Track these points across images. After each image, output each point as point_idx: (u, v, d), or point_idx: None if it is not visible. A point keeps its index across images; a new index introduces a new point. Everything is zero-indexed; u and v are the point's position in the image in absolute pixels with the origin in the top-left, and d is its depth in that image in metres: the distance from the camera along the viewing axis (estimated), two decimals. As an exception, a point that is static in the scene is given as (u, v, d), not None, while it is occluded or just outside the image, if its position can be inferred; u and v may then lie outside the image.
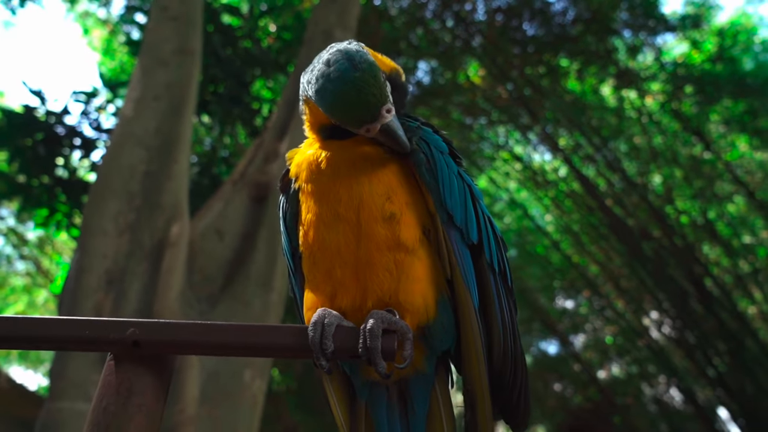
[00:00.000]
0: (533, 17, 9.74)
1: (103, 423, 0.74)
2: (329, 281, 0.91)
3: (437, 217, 0.92)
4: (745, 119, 9.15)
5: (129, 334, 0.78)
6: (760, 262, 9.97)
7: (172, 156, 3.91)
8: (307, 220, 0.94)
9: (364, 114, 0.88)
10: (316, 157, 0.97)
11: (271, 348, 0.80)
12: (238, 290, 3.71)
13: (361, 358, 0.80)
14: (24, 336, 0.79)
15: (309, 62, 4.10)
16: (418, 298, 0.88)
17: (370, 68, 0.88)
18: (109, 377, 0.78)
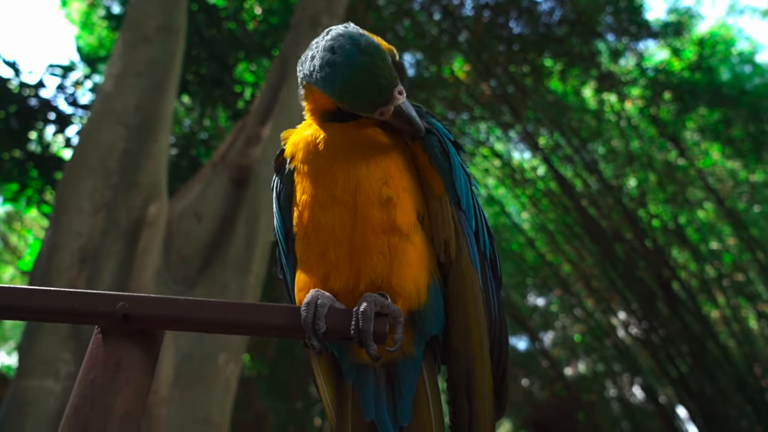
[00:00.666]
0: (520, 15, 9.79)
1: (90, 395, 0.73)
2: (322, 263, 0.91)
3: (445, 199, 0.93)
4: (719, 128, 9.38)
5: (119, 307, 0.77)
6: (725, 268, 10.26)
7: (152, 135, 3.84)
8: (302, 201, 0.94)
9: (377, 97, 0.88)
10: (314, 137, 0.97)
11: (263, 327, 0.80)
12: (215, 273, 3.67)
13: (352, 340, 0.80)
14: (9, 305, 0.77)
15: (295, 47, 4.11)
16: (411, 283, 0.89)
17: (378, 51, 0.88)
18: (97, 350, 0.77)
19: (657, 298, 9.53)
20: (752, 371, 9.65)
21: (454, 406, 0.91)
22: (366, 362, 0.94)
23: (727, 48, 10.02)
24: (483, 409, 0.89)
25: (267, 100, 4.94)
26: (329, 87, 0.90)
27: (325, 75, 0.89)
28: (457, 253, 0.92)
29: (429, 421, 0.91)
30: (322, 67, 0.89)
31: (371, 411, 0.93)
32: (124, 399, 0.74)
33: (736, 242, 10.08)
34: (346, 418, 0.93)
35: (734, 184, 9.77)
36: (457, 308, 0.92)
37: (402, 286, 0.88)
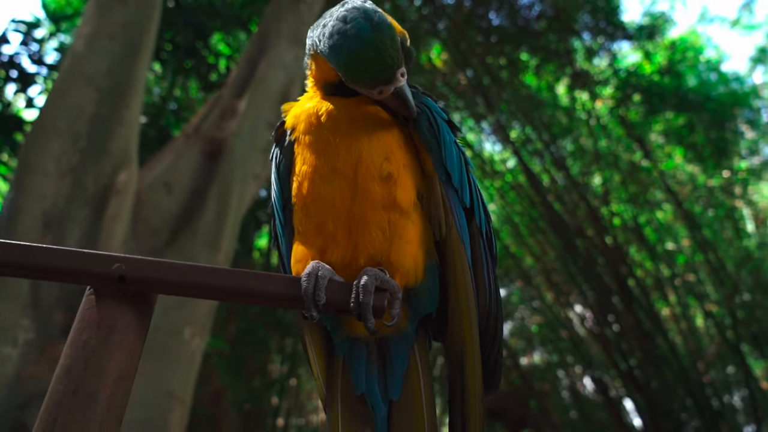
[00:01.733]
0: (500, 7, 9.83)
1: (83, 356, 0.71)
2: (320, 235, 0.91)
3: (435, 177, 0.94)
4: (683, 133, 9.68)
5: (115, 269, 0.75)
6: (678, 268, 10.65)
7: (124, 100, 3.72)
8: (302, 172, 0.94)
9: (380, 75, 0.88)
10: (316, 110, 0.96)
11: (262, 295, 0.80)
12: (183, 246, 3.61)
13: (351, 313, 0.81)
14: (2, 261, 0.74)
15: (275, 21, 4.03)
16: (409, 260, 0.90)
17: (389, 30, 0.88)
18: (89, 311, 0.75)
19: (613, 294, 9.84)
20: (696, 367, 10.09)
21: (450, 381, 0.93)
22: (359, 336, 0.95)
23: (695, 55, 10.30)
24: (473, 386, 0.91)
25: (244, 74, 4.85)
26: (334, 56, 0.89)
27: (333, 44, 0.88)
28: (447, 230, 0.93)
29: (419, 395, 0.93)
30: (332, 35, 0.88)
31: (362, 384, 0.94)
32: (118, 361, 0.72)
33: (690, 244, 10.47)
34: (335, 391, 0.94)
35: (693, 188, 10.12)
36: (449, 285, 0.93)
37: (401, 262, 0.89)
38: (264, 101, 4.64)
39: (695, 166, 9.98)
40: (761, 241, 10.22)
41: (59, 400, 0.68)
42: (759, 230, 10.32)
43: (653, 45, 9.63)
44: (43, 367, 2.79)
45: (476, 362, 0.91)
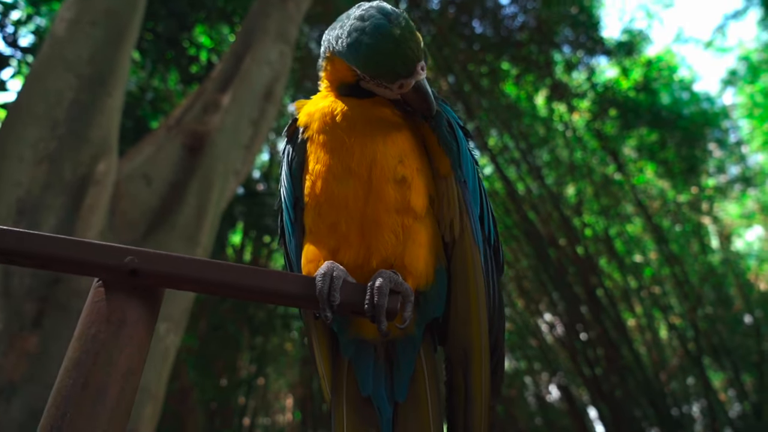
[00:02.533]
0: (484, 16, 9.94)
1: (92, 350, 0.70)
2: (333, 235, 0.91)
3: (451, 178, 0.94)
4: (655, 149, 9.93)
5: (127, 261, 0.73)
6: (644, 280, 10.91)
7: (106, 89, 3.64)
8: (316, 171, 0.93)
9: (401, 68, 0.87)
10: (331, 109, 0.95)
11: (276, 294, 0.79)
12: (161, 240, 3.54)
13: (365, 315, 0.81)
14: (10, 249, 0.72)
15: (262, 17, 3.99)
16: (421, 264, 0.90)
17: (408, 24, 0.88)
18: (99, 304, 0.73)
19: (582, 303, 10.02)
20: (658, 378, 10.34)
21: (451, 387, 0.93)
22: (366, 338, 0.94)
23: (669, 73, 10.59)
24: (479, 390, 0.91)
25: (228, 69, 4.79)
26: (354, 54, 0.89)
27: (351, 41, 0.88)
28: (460, 232, 0.94)
29: (425, 399, 0.93)
30: (350, 34, 0.88)
31: (369, 386, 0.93)
32: (128, 356, 0.71)
33: (658, 257, 10.73)
34: (341, 393, 0.94)
35: (662, 203, 10.37)
36: (458, 289, 0.94)
37: (414, 265, 0.90)
38: (248, 97, 4.60)
39: (665, 181, 10.24)
40: (724, 257, 10.53)
41: (68, 394, 0.66)
42: (723, 246, 10.64)
43: (630, 62, 9.86)
44: (11, 359, 2.70)
45: (484, 367, 0.92)
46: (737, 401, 10.44)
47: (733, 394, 10.86)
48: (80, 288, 3.04)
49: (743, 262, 10.80)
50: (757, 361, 9.59)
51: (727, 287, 10.20)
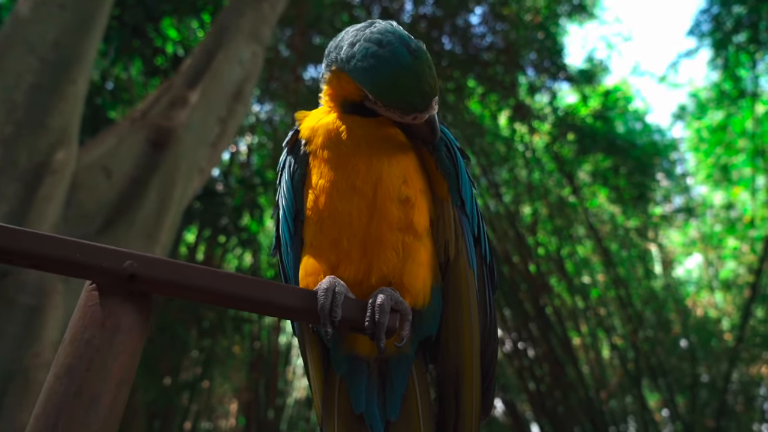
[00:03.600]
0: (454, 33, 10.12)
1: (86, 356, 0.67)
2: (334, 250, 0.91)
3: (448, 202, 0.96)
4: (608, 175, 10.31)
5: (126, 266, 0.71)
6: (591, 301, 11.27)
7: (70, 75, 3.50)
8: (319, 186, 0.93)
9: (418, 102, 0.88)
10: (336, 126, 0.95)
11: (276, 306, 0.78)
12: (118, 236, 3.42)
13: (365, 332, 0.81)
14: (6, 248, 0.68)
15: (237, 16, 3.96)
16: (420, 282, 0.91)
17: (426, 57, 0.89)
18: (93, 308, 0.70)
19: (531, 320, 10.26)
20: (599, 396, 10.67)
21: (441, 405, 0.94)
22: (360, 355, 0.94)
23: (625, 104, 11.04)
24: (470, 409, 0.92)
25: (198, 64, 4.69)
26: (368, 79, 0.88)
27: (367, 66, 0.87)
28: (456, 254, 0.95)
29: (417, 417, 0.93)
30: (365, 58, 0.87)
31: (361, 404, 0.93)
32: (121, 364, 0.68)
33: (605, 279, 11.11)
34: (332, 410, 0.93)
35: (612, 227, 10.76)
36: (451, 309, 0.95)
37: (412, 284, 0.91)
38: (217, 95, 4.52)
39: (616, 207, 10.63)
40: (666, 282, 11.00)
41: (60, 403, 0.63)
42: (665, 272, 11.11)
43: (590, 89, 10.22)
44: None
45: (475, 386, 0.93)
46: (670, 421, 10.87)
47: (667, 415, 11.31)
48: (27, 281, 2.91)
49: (683, 288, 11.30)
50: (691, 384, 10.03)
51: (667, 312, 10.65)
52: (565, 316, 10.87)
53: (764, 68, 9.79)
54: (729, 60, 9.73)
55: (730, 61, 9.74)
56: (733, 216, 10.31)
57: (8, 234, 0.69)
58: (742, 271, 10.05)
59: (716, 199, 10.73)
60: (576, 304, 10.90)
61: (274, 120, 11.68)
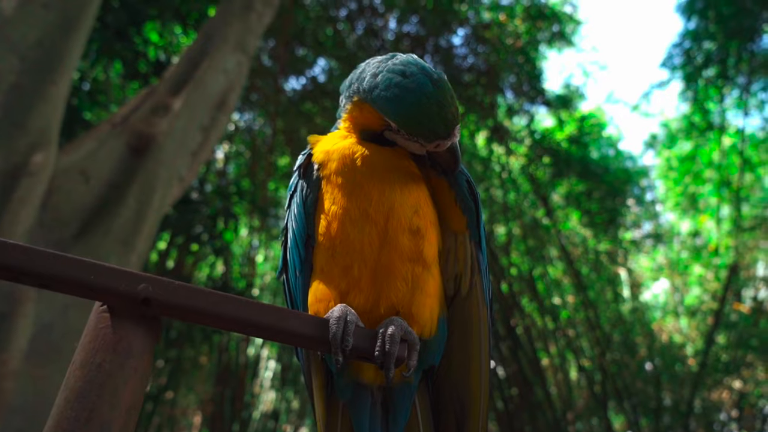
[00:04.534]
0: (436, 52, 10.26)
1: (97, 381, 0.66)
2: (344, 277, 0.91)
3: (465, 236, 0.97)
4: (581, 198, 10.52)
5: (141, 289, 0.70)
6: (560, 322, 11.42)
7: (52, 76, 3.43)
8: (332, 212, 0.93)
9: (441, 130, 0.90)
10: (352, 152, 0.96)
11: (288, 334, 0.78)
12: (93, 243, 3.34)
13: (374, 361, 0.81)
14: (10, 265, 0.66)
15: (224, 26, 3.97)
16: (427, 313, 0.92)
17: (448, 87, 0.91)
18: (104, 330, 0.69)
19: (502, 340, 10.34)
20: (565, 417, 10.77)
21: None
22: (365, 382, 0.94)
23: (599, 130, 11.32)
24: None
25: (182, 72, 4.65)
26: (392, 108, 0.90)
27: (391, 96, 0.89)
28: (469, 289, 0.96)
29: None
30: (389, 88, 0.89)
31: (365, 431, 0.93)
32: (132, 389, 0.67)
33: (575, 301, 11.28)
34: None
35: (584, 250, 10.95)
36: (459, 342, 0.96)
37: (420, 314, 0.91)
38: (200, 103, 4.49)
39: (588, 230, 10.84)
40: (634, 306, 11.23)
41: (70, 429, 0.62)
42: (633, 296, 11.34)
43: (566, 114, 10.45)
44: None
45: (482, 420, 0.94)
46: (634, 444, 11.03)
47: (630, 437, 11.47)
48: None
49: (649, 312, 11.55)
50: (655, 407, 10.21)
51: (634, 335, 10.85)
52: (535, 336, 10.98)
53: (731, 103, 10.18)
54: (698, 93, 10.10)
55: (700, 95, 10.11)
56: (698, 244, 10.61)
57: (20, 252, 0.68)
58: (707, 298, 10.33)
59: (683, 226, 11.04)
60: (546, 325, 11.03)
61: (253, 129, 11.63)
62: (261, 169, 11.15)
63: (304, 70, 10.78)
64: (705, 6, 9.53)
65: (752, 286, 10.10)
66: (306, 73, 10.79)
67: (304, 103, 10.93)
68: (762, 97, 9.80)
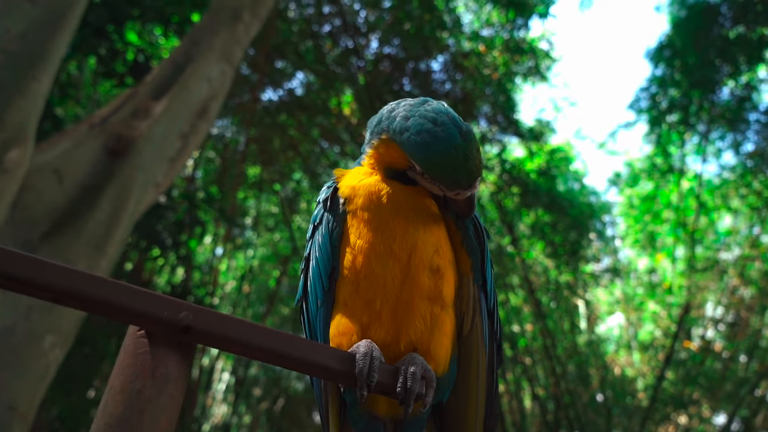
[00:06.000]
0: (414, 76, 10.43)
1: (138, 407, 0.66)
2: (367, 312, 0.93)
3: (470, 278, 1.01)
4: (546, 230, 10.78)
5: (182, 317, 0.71)
6: (518, 349, 11.60)
7: (33, 71, 3.36)
8: (358, 246, 0.95)
9: (464, 181, 0.94)
10: (378, 189, 0.99)
11: (317, 367, 0.79)
12: (63, 244, 3.25)
13: (396, 397, 0.83)
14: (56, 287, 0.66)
15: (211, 34, 3.98)
16: (443, 352, 0.95)
17: (475, 140, 0.96)
18: (143, 356, 0.70)
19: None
20: (518, 444, 10.88)
21: None
22: (378, 415, 0.97)
23: (567, 164, 11.67)
24: None
25: (165, 76, 4.61)
26: (420, 152, 0.94)
27: (420, 141, 0.93)
28: (470, 329, 1.00)
29: None
30: (420, 133, 0.93)
31: None
32: (169, 416, 0.68)
33: (533, 329, 11.48)
34: None
35: (545, 280, 11.19)
36: (460, 379, 0.99)
37: (437, 352, 0.94)
38: (182, 109, 4.44)
39: (551, 260, 11.09)
40: (589, 338, 11.50)
41: (112, 455, 0.62)
42: (589, 328, 11.62)
43: (537, 146, 10.74)
44: None
45: None
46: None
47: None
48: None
49: (604, 345, 11.84)
50: (604, 438, 10.43)
51: (588, 367, 11.09)
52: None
53: (691, 148, 10.67)
54: (662, 136, 10.55)
55: (663, 138, 10.56)
56: (654, 281, 10.99)
57: (64, 274, 0.68)
58: (659, 334, 10.67)
59: (641, 263, 11.42)
60: (504, 353, 11.17)
61: (226, 136, 11.52)
62: (230, 177, 11.04)
63: (282, 81, 10.78)
64: (672, 55, 10.02)
65: (701, 326, 10.50)
66: (284, 84, 10.80)
67: (280, 114, 10.91)
68: (719, 145, 10.32)
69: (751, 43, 9.31)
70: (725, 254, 10.68)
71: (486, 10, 9.78)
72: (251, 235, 12.86)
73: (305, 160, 11.41)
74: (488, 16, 9.84)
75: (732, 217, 10.63)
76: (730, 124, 9.92)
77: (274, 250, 12.54)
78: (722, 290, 10.44)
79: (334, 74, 10.21)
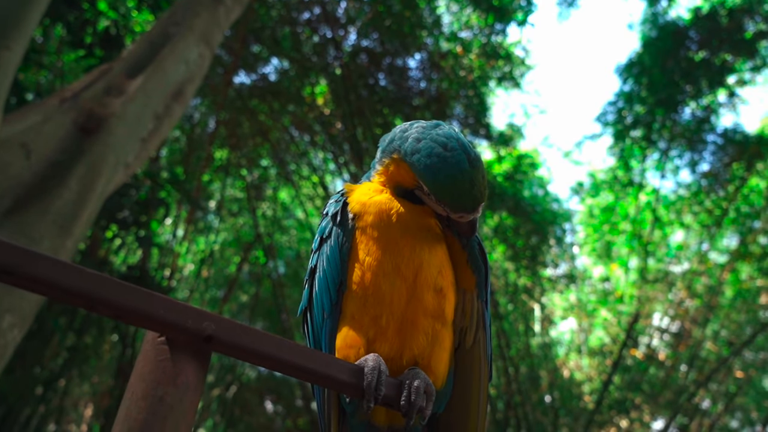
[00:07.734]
0: (391, 72, 10.44)
1: (161, 414, 0.67)
2: (373, 326, 0.96)
3: (474, 295, 1.05)
4: (509, 233, 11.01)
5: (205, 326, 0.72)
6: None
7: (5, 41, 3.22)
8: (367, 263, 0.98)
9: (468, 205, 0.98)
10: (387, 207, 1.02)
11: (330, 379, 0.82)
12: (27, 222, 3.14)
13: (400, 409, 0.87)
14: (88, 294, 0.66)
15: (191, 15, 3.95)
16: (442, 366, 0.99)
17: (482, 167, 0.99)
18: (164, 363, 0.71)
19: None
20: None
21: None
22: (376, 424, 1.00)
23: (532, 170, 11.92)
24: None
25: (142, 54, 4.49)
26: (429, 175, 0.97)
27: (430, 164, 0.96)
28: (472, 343, 1.05)
29: None
30: (430, 156, 0.96)
31: None
32: (188, 423, 0.69)
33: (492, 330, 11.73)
34: None
35: (505, 283, 11.44)
36: (459, 392, 1.04)
37: (437, 367, 0.98)
38: (157, 90, 4.34)
39: (511, 263, 11.34)
40: (542, 341, 11.83)
41: (136, 461, 0.63)
42: (543, 331, 11.95)
43: (505, 151, 10.93)
44: None
45: None
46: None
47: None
48: None
49: (555, 348, 12.20)
50: (550, 438, 10.77)
51: (539, 369, 11.41)
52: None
53: (651, 164, 11.07)
54: (625, 151, 10.90)
55: (626, 152, 10.91)
56: (607, 289, 11.37)
57: (96, 281, 0.68)
58: (608, 340, 11.06)
59: (596, 271, 11.79)
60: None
61: (194, 117, 11.28)
62: (197, 158, 10.82)
63: (256, 66, 10.62)
64: (640, 72, 10.35)
65: (648, 335, 10.94)
66: (258, 69, 10.64)
67: (252, 98, 10.75)
68: (677, 162, 10.74)
69: (714, 68, 9.71)
70: (675, 267, 11.15)
71: (466, 13, 9.86)
72: (213, 219, 12.65)
73: (274, 147, 11.28)
74: (468, 19, 9.94)
75: (684, 232, 11.09)
76: (689, 143, 10.33)
77: (236, 235, 12.37)
78: (670, 302, 10.90)
79: (309, 63, 10.13)
